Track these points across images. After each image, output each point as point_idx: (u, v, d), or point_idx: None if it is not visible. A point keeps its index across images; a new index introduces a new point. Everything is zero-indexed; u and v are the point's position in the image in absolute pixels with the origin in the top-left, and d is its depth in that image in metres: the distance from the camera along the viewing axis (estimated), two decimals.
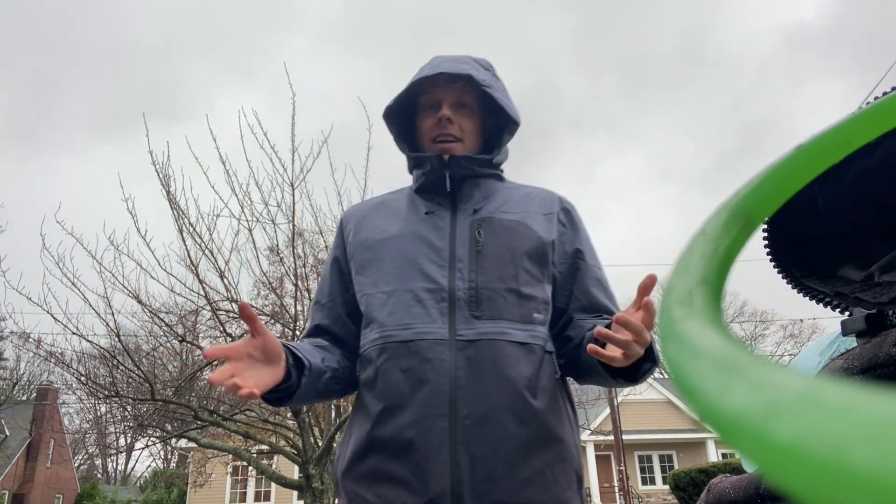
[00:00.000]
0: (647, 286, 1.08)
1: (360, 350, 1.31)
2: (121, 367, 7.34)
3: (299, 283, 7.43)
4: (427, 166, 1.39)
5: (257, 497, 21.25)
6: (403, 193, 1.47)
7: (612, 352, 1.06)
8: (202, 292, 7.00)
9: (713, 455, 22.96)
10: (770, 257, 1.01)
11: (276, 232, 7.48)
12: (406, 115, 1.47)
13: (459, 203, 1.38)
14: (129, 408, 9.22)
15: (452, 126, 1.38)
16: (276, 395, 1.17)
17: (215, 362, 7.89)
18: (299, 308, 7.53)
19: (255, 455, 9.38)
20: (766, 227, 1.00)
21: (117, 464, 40.58)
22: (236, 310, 7.29)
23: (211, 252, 7.06)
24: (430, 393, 1.17)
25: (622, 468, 18.55)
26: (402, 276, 1.28)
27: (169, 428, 8.98)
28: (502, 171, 1.49)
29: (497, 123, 1.46)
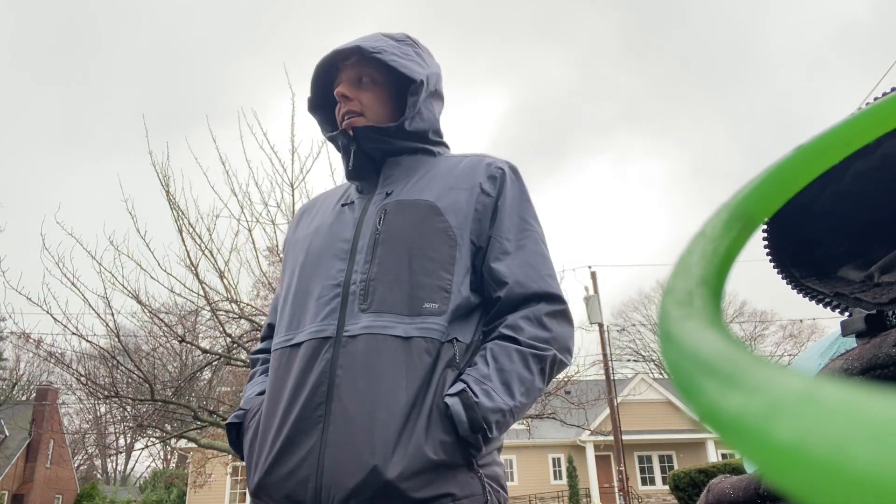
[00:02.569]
0: None
1: None
2: (120, 368, 7.34)
3: None
4: (338, 144, 1.34)
5: None
6: (346, 183, 1.42)
7: None
8: (202, 293, 7.00)
9: (713, 455, 22.96)
10: (770, 257, 1.01)
11: (275, 232, 7.49)
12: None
13: (379, 186, 1.31)
14: (128, 408, 9.21)
15: (351, 102, 1.31)
16: None
17: (215, 362, 7.89)
18: None
19: None
20: (766, 227, 1.00)
21: (117, 464, 40.59)
22: (236, 310, 7.30)
23: (211, 252, 7.07)
24: (309, 396, 1.11)
25: (622, 468, 18.54)
26: (306, 276, 1.25)
27: (169, 428, 8.98)
28: (435, 142, 1.38)
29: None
